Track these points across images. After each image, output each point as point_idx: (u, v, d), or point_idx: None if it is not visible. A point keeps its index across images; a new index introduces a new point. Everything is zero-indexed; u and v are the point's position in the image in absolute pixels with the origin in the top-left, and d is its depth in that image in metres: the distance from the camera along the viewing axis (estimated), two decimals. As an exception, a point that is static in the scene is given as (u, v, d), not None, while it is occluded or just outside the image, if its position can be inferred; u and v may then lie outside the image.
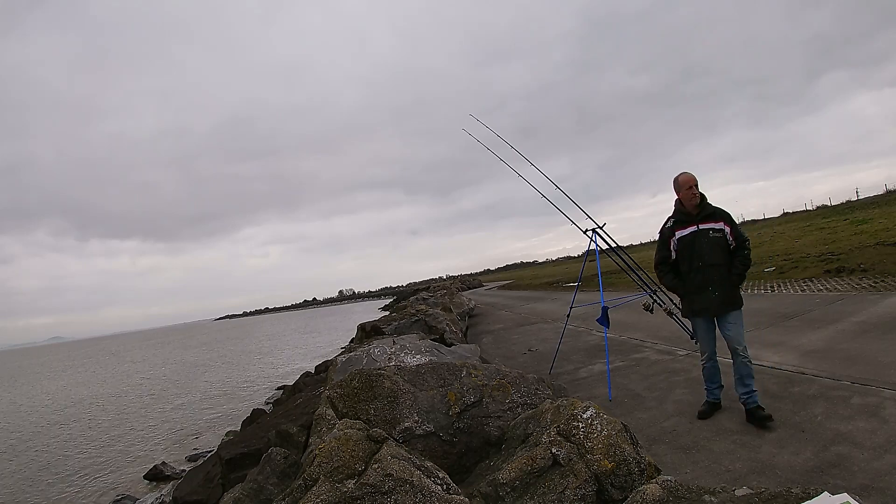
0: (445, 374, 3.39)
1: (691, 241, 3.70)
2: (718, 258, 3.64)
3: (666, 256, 3.90)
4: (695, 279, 3.71)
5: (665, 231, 3.90)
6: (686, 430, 3.62)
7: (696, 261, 3.67)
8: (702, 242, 3.66)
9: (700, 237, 3.68)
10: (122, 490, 7.22)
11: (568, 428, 2.40)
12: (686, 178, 3.71)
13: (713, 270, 3.64)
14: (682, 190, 3.74)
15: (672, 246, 3.82)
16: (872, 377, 3.88)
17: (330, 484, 2.14)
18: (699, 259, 3.66)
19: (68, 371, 35.24)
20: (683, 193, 3.73)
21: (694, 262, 3.69)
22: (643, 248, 50.18)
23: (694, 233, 3.70)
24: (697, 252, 3.67)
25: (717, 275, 3.63)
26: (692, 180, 3.69)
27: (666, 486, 1.99)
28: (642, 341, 7.04)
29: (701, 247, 3.66)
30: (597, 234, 5.76)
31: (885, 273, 8.76)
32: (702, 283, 3.66)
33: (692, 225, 3.71)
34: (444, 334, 8.14)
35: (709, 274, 3.64)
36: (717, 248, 3.65)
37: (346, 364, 4.69)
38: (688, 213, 3.75)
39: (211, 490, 4.54)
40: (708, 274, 3.64)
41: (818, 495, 1.66)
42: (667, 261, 3.90)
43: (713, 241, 3.65)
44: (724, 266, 3.65)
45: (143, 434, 10.85)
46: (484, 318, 15.34)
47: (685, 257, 3.74)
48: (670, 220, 3.87)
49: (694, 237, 3.70)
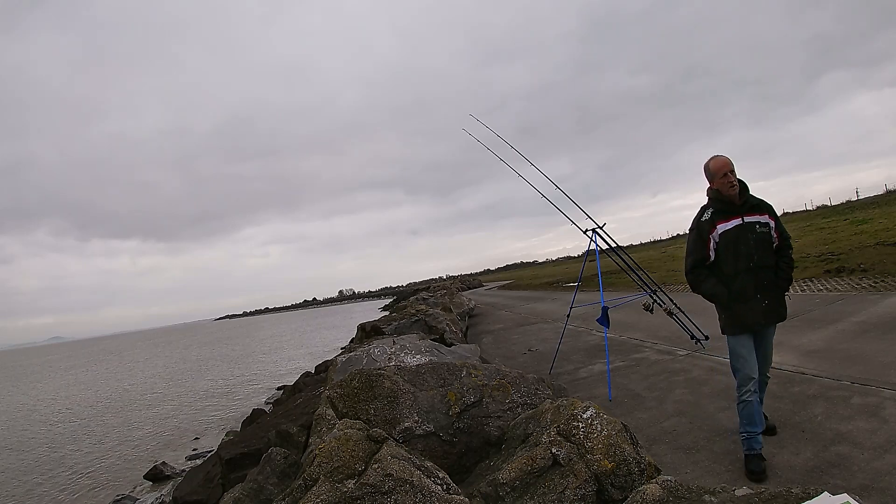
0: (445, 374, 3.39)
1: (736, 237, 2.99)
2: (768, 258, 3.02)
3: (704, 258, 3.08)
4: (742, 284, 2.99)
5: (703, 225, 3.07)
6: (686, 430, 3.62)
7: (744, 261, 2.98)
8: (748, 239, 2.98)
9: (746, 232, 2.99)
10: (122, 490, 7.22)
11: (568, 428, 2.40)
12: (719, 162, 3.03)
13: (763, 273, 3.00)
14: (716, 178, 3.04)
15: (711, 244, 3.05)
16: (872, 377, 3.88)
17: (330, 484, 2.14)
18: (747, 259, 2.98)
19: (69, 371, 35.24)
20: (719, 182, 3.02)
21: (740, 262, 2.98)
22: (643, 248, 50.33)
23: (739, 226, 3.00)
24: (744, 251, 2.98)
25: (766, 279, 3.01)
26: (727, 164, 3.00)
27: (666, 486, 1.99)
28: (642, 341, 7.04)
29: (748, 244, 2.98)
30: (597, 234, 5.77)
31: (885, 273, 8.75)
32: (750, 288, 2.98)
33: (736, 217, 3.01)
34: (444, 334, 8.14)
35: (759, 278, 2.99)
36: (765, 245, 3.02)
37: (346, 364, 4.69)
38: (729, 201, 3.04)
39: (211, 490, 4.53)
40: (758, 278, 2.99)
41: (818, 495, 1.66)
42: (704, 263, 3.10)
43: (760, 237, 3.01)
44: (773, 268, 3.05)
45: (143, 434, 10.85)
46: (484, 318, 15.33)
47: (729, 257, 3.01)
48: (707, 211, 3.09)
49: (739, 232, 3.00)
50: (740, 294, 2.99)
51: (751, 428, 2.94)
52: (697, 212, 3.17)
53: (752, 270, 2.98)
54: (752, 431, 2.93)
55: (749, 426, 2.94)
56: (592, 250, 5.83)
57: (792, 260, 3.11)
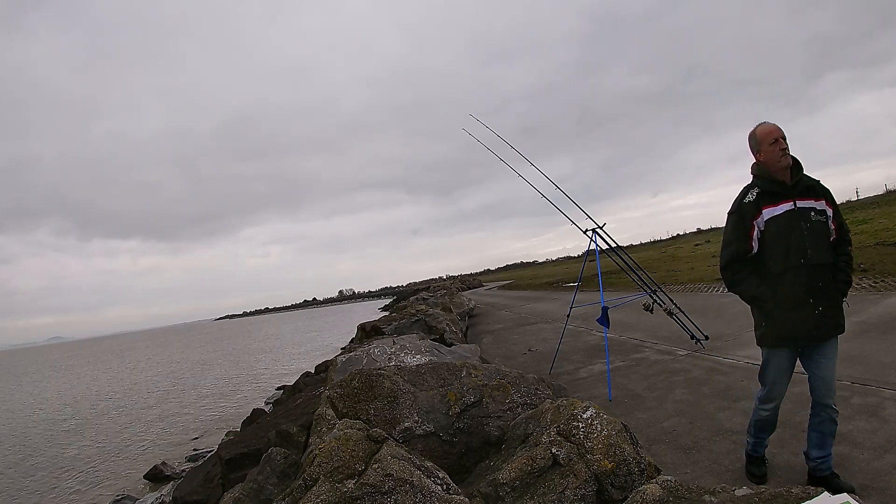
0: (445, 374, 3.38)
1: (787, 226, 2.39)
2: (825, 255, 2.41)
3: (745, 250, 2.48)
4: (791, 286, 2.39)
5: (746, 208, 2.47)
6: (686, 430, 3.62)
7: (795, 256, 2.38)
8: (801, 228, 2.38)
9: (798, 220, 2.39)
10: (121, 490, 7.22)
11: (568, 428, 2.40)
12: (767, 127, 2.47)
13: (818, 273, 2.39)
14: (763, 145, 2.46)
15: (755, 233, 2.45)
16: (872, 377, 3.88)
17: (330, 484, 2.14)
18: (799, 254, 2.37)
19: (69, 371, 35.25)
20: (767, 150, 2.44)
21: (791, 258, 2.38)
22: (643, 248, 50.34)
23: (790, 213, 2.40)
24: (796, 243, 2.37)
25: (822, 280, 2.39)
26: (777, 130, 2.45)
27: (666, 486, 1.99)
28: (642, 341, 7.04)
29: (800, 235, 2.38)
30: (597, 234, 5.77)
31: (885, 273, 8.76)
32: (802, 291, 2.38)
33: (786, 200, 2.41)
34: (444, 334, 8.14)
35: (813, 278, 2.38)
36: (822, 238, 2.41)
37: (346, 364, 4.69)
38: (779, 180, 2.44)
39: (211, 490, 4.53)
40: (811, 278, 2.38)
41: (818, 495, 1.66)
42: (744, 257, 2.50)
43: (816, 227, 2.40)
44: (830, 268, 2.43)
45: (143, 434, 10.85)
46: (484, 318, 15.33)
47: (777, 251, 2.41)
48: (752, 192, 2.48)
49: (790, 220, 2.39)
50: (789, 298, 2.38)
51: (759, 434, 2.67)
52: (739, 192, 2.56)
53: (804, 269, 2.37)
54: (761, 437, 2.68)
55: (759, 432, 2.66)
56: (592, 250, 5.84)
57: (852, 258, 2.53)
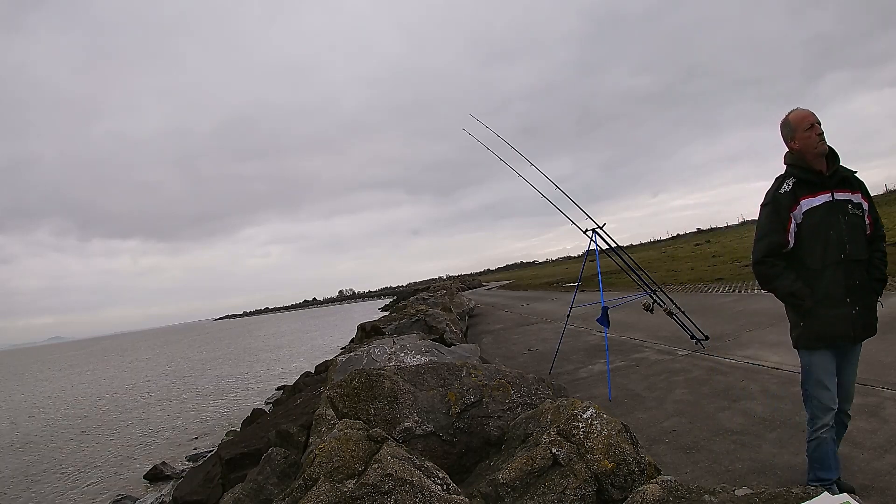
0: (445, 374, 3.39)
1: (825, 219, 2.24)
2: (862, 250, 2.28)
3: (780, 244, 2.30)
4: (830, 283, 2.24)
5: (781, 198, 2.29)
6: (686, 430, 3.62)
7: (834, 251, 2.23)
8: (839, 222, 2.24)
9: (836, 213, 2.25)
10: (121, 490, 7.22)
11: (568, 428, 2.40)
12: (801, 113, 2.32)
13: (856, 270, 2.27)
14: (798, 132, 2.30)
15: (791, 226, 2.27)
16: (872, 377, 3.87)
17: (330, 484, 2.14)
18: (838, 248, 2.22)
19: (70, 370, 35.26)
20: (802, 137, 2.28)
21: (830, 253, 2.23)
22: (643, 248, 50.36)
23: (828, 205, 2.25)
24: (835, 238, 2.23)
25: (859, 277, 2.27)
26: (812, 116, 2.29)
27: (666, 486, 1.99)
28: (642, 341, 7.04)
29: (839, 229, 2.23)
30: (597, 234, 5.77)
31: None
32: (840, 289, 2.24)
33: (824, 191, 2.26)
34: (444, 334, 8.14)
35: (850, 275, 2.25)
36: (859, 232, 2.28)
37: (346, 364, 4.69)
38: (816, 169, 2.29)
39: (211, 490, 4.54)
40: (849, 275, 2.25)
41: (818, 495, 1.66)
42: (780, 251, 2.31)
43: (853, 221, 2.26)
44: (865, 264, 2.31)
45: (143, 434, 10.85)
46: (484, 318, 15.34)
47: (816, 245, 2.25)
48: (788, 182, 2.31)
49: (829, 212, 2.24)
50: (829, 296, 2.23)
51: (823, 474, 2.26)
52: (772, 183, 2.40)
53: (842, 265, 2.23)
54: (826, 479, 2.25)
55: (821, 471, 2.27)
56: (592, 250, 5.84)
57: (886, 255, 2.39)
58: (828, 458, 2.26)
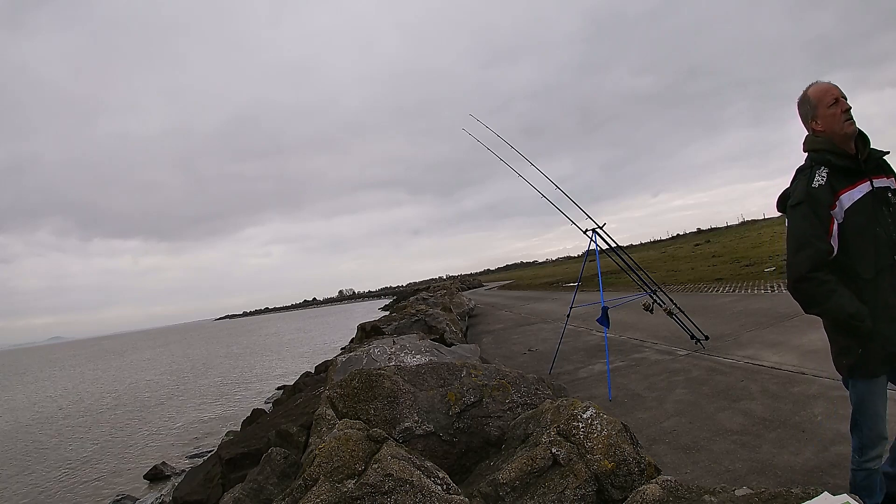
0: (445, 374, 3.39)
1: (871, 214, 1.83)
2: None
3: (826, 251, 1.82)
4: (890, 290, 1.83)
5: (818, 194, 1.82)
6: (686, 430, 3.62)
7: (887, 252, 1.82)
8: (884, 215, 1.84)
9: (879, 204, 1.84)
10: (121, 490, 7.23)
11: (568, 428, 2.40)
12: (823, 86, 1.90)
13: None
14: (820, 108, 1.88)
15: (834, 227, 1.82)
16: None
17: (330, 484, 2.14)
18: (890, 248, 1.82)
19: (70, 371, 35.26)
20: (826, 115, 1.87)
21: (882, 256, 1.82)
22: (643, 248, 50.38)
23: (871, 195, 1.84)
24: (884, 235, 1.82)
25: None
26: (835, 89, 1.87)
27: (666, 486, 1.99)
28: (642, 341, 7.03)
29: (885, 224, 1.83)
30: (597, 234, 5.78)
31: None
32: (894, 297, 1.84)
33: (862, 179, 1.84)
34: (444, 334, 8.14)
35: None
36: None
37: (346, 364, 4.69)
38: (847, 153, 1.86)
39: (211, 490, 4.54)
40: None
41: (818, 495, 1.66)
42: (827, 260, 1.83)
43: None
44: None
45: (143, 434, 10.86)
46: (484, 318, 15.34)
47: (865, 247, 1.82)
48: (820, 172, 1.85)
49: (872, 204, 1.83)
50: (887, 309, 1.81)
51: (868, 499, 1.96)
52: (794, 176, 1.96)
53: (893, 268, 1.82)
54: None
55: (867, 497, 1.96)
56: (592, 250, 5.84)
57: None
58: (874, 486, 1.98)
